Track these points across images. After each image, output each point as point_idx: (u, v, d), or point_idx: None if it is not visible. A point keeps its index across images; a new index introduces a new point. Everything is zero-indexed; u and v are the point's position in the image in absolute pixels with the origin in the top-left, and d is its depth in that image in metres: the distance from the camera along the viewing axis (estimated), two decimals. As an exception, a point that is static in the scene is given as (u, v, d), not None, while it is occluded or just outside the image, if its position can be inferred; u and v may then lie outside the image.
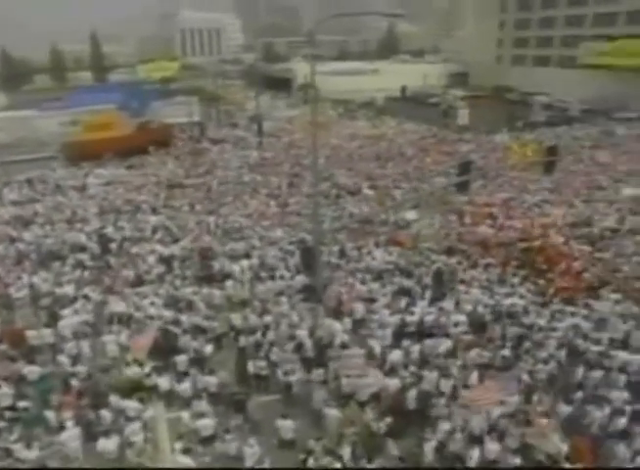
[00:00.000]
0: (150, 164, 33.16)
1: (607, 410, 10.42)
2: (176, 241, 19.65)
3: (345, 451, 9.44)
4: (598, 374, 11.64)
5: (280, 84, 69.42)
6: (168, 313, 14.09)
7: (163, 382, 11.54)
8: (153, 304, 14.68)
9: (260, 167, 32.03)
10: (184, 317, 13.91)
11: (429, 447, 9.65)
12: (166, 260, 17.67)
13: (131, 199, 25.39)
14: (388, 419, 10.24)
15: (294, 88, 67.74)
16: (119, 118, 36.09)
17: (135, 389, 11.33)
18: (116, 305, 14.55)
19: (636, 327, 13.55)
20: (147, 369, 11.85)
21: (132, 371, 11.76)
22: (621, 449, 9.40)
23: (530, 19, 70.27)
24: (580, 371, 11.72)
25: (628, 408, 10.51)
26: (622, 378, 11.58)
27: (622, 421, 10.20)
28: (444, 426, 10.10)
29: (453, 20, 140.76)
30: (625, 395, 10.95)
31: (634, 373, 11.82)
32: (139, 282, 16.32)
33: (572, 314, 14.46)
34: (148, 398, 11.11)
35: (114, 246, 19.22)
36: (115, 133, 34.08)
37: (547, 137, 38.32)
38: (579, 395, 11.07)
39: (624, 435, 9.95)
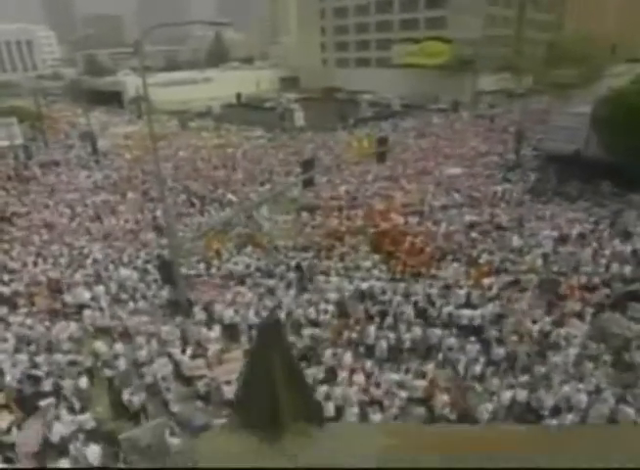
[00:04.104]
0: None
1: (464, 361, 12.07)
2: (17, 278, 17.72)
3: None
4: (451, 332, 13.31)
5: (110, 99, 65.61)
6: (22, 357, 12.77)
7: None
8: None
9: (107, 187, 30.05)
10: (41, 358, 12.74)
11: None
12: (9, 300, 15.91)
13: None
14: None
15: (125, 102, 64.53)
16: None
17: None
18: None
19: (473, 287, 15.64)
20: (5, 424, 10.69)
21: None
22: (479, 388, 11.19)
23: (347, 24, 75.71)
24: (436, 333, 13.24)
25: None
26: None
27: (478, 368, 11.91)
28: (330, 407, 10.73)
29: (278, 26, 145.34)
30: (477, 346, 12.66)
31: (480, 326, 13.72)
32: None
33: (421, 285, 16.15)
34: (15, 456, 10.03)
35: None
36: None
37: (380, 130, 41.82)
38: (440, 355, 12.62)
39: (481, 378, 11.68)
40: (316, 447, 0.81)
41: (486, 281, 15.99)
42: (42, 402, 11.11)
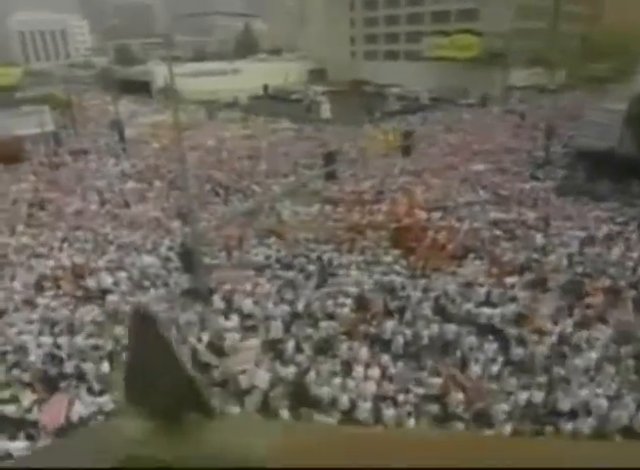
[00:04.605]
0: (2, 182, 29.91)
1: (481, 359, 11.93)
2: (44, 262, 18.20)
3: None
4: (470, 330, 13.18)
5: (140, 88, 66.44)
6: (46, 339, 13.14)
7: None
8: (20, 333, 13.52)
9: (134, 175, 30.53)
10: (63, 340, 13.08)
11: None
12: (36, 283, 16.36)
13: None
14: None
15: (154, 91, 65.31)
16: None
17: (18, 427, 10.48)
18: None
19: (495, 286, 15.42)
20: (27, 403, 11.03)
21: (10, 409, 10.89)
22: (495, 387, 11.07)
23: (377, 16, 74.96)
24: (454, 330, 13.11)
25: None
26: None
27: (495, 368, 11.76)
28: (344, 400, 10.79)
29: (306, 18, 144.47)
30: (495, 345, 12.52)
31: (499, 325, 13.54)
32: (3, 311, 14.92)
33: (441, 282, 16.00)
34: (37, 433, 10.34)
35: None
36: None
37: (407, 124, 41.41)
38: (458, 353, 12.49)
39: (498, 377, 11.53)
40: (205, 441, 0.79)
41: (509, 280, 15.75)
42: (64, 383, 11.46)
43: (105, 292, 15.74)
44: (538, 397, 10.62)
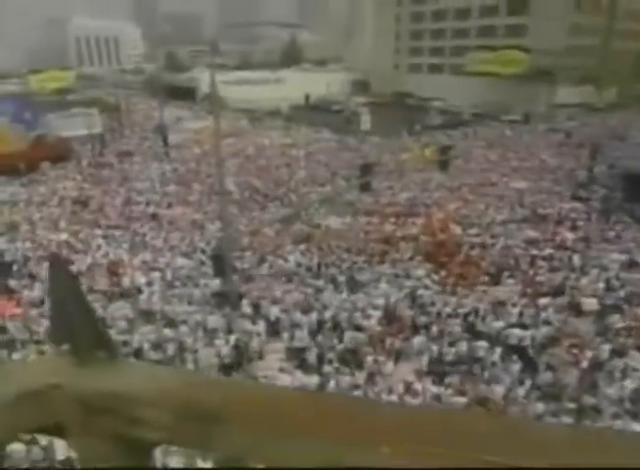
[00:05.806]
0: (50, 179, 31.25)
1: (508, 381, 11.64)
2: (83, 257, 18.85)
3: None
4: (497, 351, 12.86)
5: (185, 94, 68.17)
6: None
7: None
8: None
9: (175, 178, 31.35)
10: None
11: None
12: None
13: (29, 216, 23.92)
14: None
15: (198, 98, 66.89)
16: (12, 132, 33.52)
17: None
18: (18, 331, 13.78)
19: (526, 306, 15.03)
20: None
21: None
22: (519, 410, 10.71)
23: (423, 29, 74.87)
24: (482, 348, 12.83)
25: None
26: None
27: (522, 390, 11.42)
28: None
29: (352, 29, 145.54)
30: (523, 368, 12.17)
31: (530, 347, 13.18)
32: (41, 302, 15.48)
33: (472, 299, 15.70)
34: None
35: (14, 268, 18.08)
36: (8, 148, 31.46)
37: (447, 138, 41.04)
38: (485, 373, 12.19)
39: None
40: (109, 379, 0.85)
41: (542, 301, 15.32)
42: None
43: (137, 290, 16.15)
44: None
